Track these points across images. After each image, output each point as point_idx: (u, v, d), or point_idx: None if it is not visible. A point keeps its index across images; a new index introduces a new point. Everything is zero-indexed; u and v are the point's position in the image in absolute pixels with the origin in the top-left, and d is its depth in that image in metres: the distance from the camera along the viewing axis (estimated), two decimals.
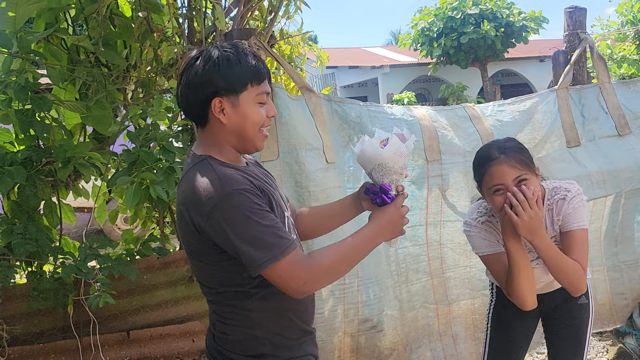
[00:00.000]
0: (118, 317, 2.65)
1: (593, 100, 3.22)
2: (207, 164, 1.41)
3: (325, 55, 3.56)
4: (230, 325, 1.48)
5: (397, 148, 1.48)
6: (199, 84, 1.42)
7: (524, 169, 1.84)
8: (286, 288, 1.36)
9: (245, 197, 1.34)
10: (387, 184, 1.51)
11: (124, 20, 2.86)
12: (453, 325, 3.02)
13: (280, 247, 1.34)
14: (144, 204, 2.77)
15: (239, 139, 1.47)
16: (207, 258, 1.43)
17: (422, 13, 16.84)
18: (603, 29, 4.74)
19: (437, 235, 2.98)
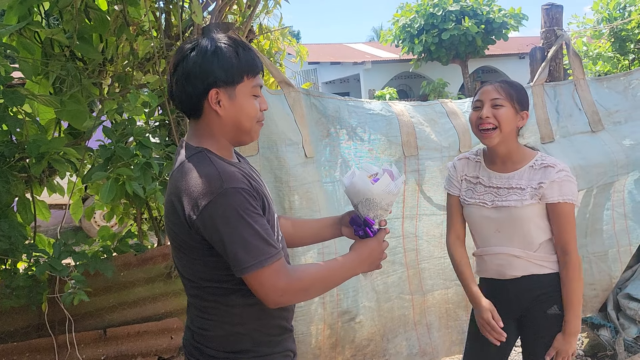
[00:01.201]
0: (94, 315, 2.62)
1: (568, 96, 3.27)
2: (204, 156, 1.40)
3: (305, 50, 3.55)
4: (211, 320, 1.47)
5: (386, 186, 1.52)
6: (197, 74, 1.40)
7: (505, 97, 2.01)
8: (263, 296, 1.36)
9: (242, 196, 1.33)
10: (371, 218, 1.55)
11: (100, 13, 2.81)
12: (427, 315, 3.07)
13: (267, 254, 1.33)
14: (120, 200, 2.75)
15: (234, 131, 1.46)
16: (193, 252, 1.41)
17: (403, 9, 16.90)
18: (579, 26, 4.80)
19: (413, 228, 3.01)
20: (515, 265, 2.07)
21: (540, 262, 2.06)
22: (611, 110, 3.34)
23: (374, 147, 2.90)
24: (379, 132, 2.91)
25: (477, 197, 2.12)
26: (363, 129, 2.89)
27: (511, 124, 2.02)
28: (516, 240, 2.06)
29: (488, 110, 2.01)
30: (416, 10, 16.46)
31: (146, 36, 2.84)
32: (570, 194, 1.98)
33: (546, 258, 2.06)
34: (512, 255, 2.07)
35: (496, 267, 2.12)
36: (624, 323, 3.43)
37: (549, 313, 2.04)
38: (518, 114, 2.04)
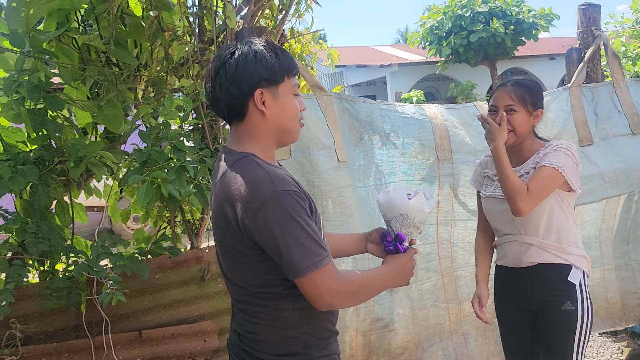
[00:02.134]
0: (130, 317, 2.65)
1: (606, 98, 3.18)
2: (251, 160, 1.41)
3: (336, 53, 3.54)
4: (262, 325, 1.46)
5: (422, 203, 1.58)
6: (241, 75, 1.41)
7: (517, 102, 2.12)
8: (317, 298, 1.36)
9: (294, 199, 1.33)
10: (403, 234, 1.58)
11: (135, 19, 2.86)
12: (464, 324, 3.01)
13: (320, 255, 1.34)
14: (155, 203, 2.78)
15: (278, 132, 1.47)
16: (244, 258, 1.41)
17: (430, 11, 16.77)
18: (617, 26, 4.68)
19: (448, 234, 2.96)
20: (530, 253, 2.14)
21: (553, 251, 2.11)
22: None
23: (407, 152, 2.88)
24: (411, 136, 2.88)
25: (492, 191, 2.24)
26: (396, 134, 2.86)
27: (525, 126, 2.14)
28: (530, 228, 2.13)
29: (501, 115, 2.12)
30: (444, 12, 16.32)
31: (180, 41, 2.87)
32: (556, 160, 2.04)
33: (560, 249, 2.11)
34: (526, 243, 2.14)
35: (512, 254, 2.20)
36: None
37: (562, 309, 2.08)
38: (532, 114, 2.15)
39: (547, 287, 2.12)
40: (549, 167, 2.04)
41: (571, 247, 2.12)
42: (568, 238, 2.13)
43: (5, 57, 2.59)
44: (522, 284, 2.19)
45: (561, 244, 2.11)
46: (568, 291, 2.09)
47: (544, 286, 2.13)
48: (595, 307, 3.31)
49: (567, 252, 2.11)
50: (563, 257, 2.11)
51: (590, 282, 3.23)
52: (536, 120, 2.17)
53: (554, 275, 2.12)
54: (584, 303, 2.11)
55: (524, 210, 2.02)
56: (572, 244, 2.13)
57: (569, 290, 2.09)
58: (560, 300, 2.09)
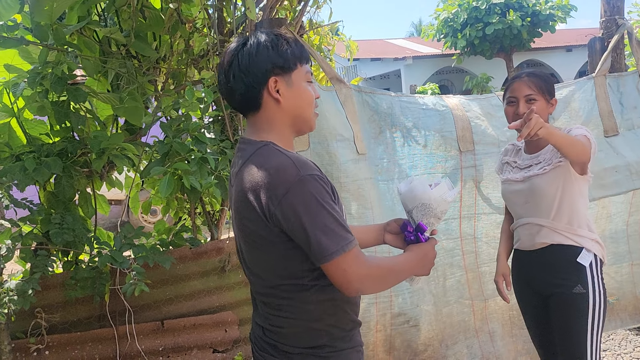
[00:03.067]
0: (152, 307, 2.67)
1: (632, 88, 3.13)
2: (272, 148, 1.40)
3: (355, 44, 3.52)
4: (287, 318, 1.45)
5: (444, 192, 1.57)
6: (255, 64, 1.41)
7: (536, 91, 2.15)
8: (344, 282, 1.34)
9: (319, 183, 1.33)
10: (425, 224, 1.57)
11: (154, 12, 2.86)
12: (489, 322, 2.97)
13: (347, 239, 1.33)
14: (176, 194, 2.79)
15: (295, 120, 1.46)
16: (270, 247, 1.39)
17: (445, 3, 16.61)
18: None
19: (472, 229, 2.93)
20: (541, 234, 2.16)
21: (564, 233, 2.12)
22: None
23: (428, 144, 2.85)
24: (432, 128, 2.85)
25: (508, 175, 2.28)
26: (417, 126, 2.84)
27: (544, 114, 2.17)
28: (543, 209, 2.15)
29: (524, 106, 2.14)
30: (459, 4, 16.15)
31: (201, 33, 2.88)
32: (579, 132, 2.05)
33: (572, 230, 2.12)
34: (538, 225, 2.17)
35: (525, 237, 2.23)
36: None
37: (574, 292, 2.09)
38: (549, 102, 2.19)
39: (558, 269, 2.13)
40: (580, 135, 2.04)
41: (583, 230, 2.13)
42: (580, 221, 2.13)
43: (29, 50, 2.61)
44: (534, 267, 2.21)
45: (572, 226, 2.12)
46: (578, 273, 2.09)
47: (554, 268, 2.14)
48: (624, 302, 3.26)
49: (578, 235, 2.12)
50: (574, 239, 2.12)
51: (619, 278, 3.19)
52: (552, 108, 2.21)
53: (565, 256, 2.13)
54: (595, 286, 2.09)
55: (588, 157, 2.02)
56: (583, 226, 2.14)
57: (578, 272, 2.09)
58: (571, 283, 2.09)
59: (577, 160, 2.04)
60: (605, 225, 3.13)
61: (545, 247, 2.17)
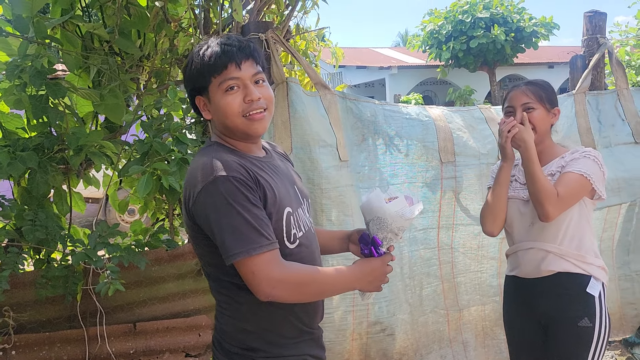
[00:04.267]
0: (125, 309, 2.62)
1: (610, 106, 3.19)
2: (210, 148, 1.46)
3: (341, 51, 3.53)
4: (226, 316, 1.48)
5: (400, 208, 1.50)
6: (185, 86, 1.52)
7: (535, 100, 2.07)
8: (255, 286, 1.34)
9: (232, 184, 1.34)
10: (380, 239, 1.52)
11: (140, 9, 2.83)
12: (463, 332, 2.98)
13: (257, 243, 1.32)
14: (154, 194, 2.75)
15: (226, 130, 1.48)
16: (199, 242, 1.44)
17: (432, 16, 16.78)
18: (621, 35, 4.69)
19: (449, 239, 2.95)
20: (548, 261, 2.03)
21: (573, 260, 2.01)
22: None
23: (410, 153, 2.86)
24: (415, 138, 2.87)
25: (512, 192, 2.14)
26: (399, 135, 2.85)
27: (545, 124, 2.09)
28: (549, 233, 2.02)
29: (520, 114, 2.06)
30: (445, 17, 16.35)
31: (186, 33, 2.85)
32: (584, 167, 1.97)
33: (579, 257, 2.01)
34: (544, 250, 2.03)
35: (528, 263, 2.08)
36: None
37: (579, 326, 1.98)
38: (550, 112, 2.10)
39: (564, 299, 2.01)
40: (577, 173, 1.96)
41: (590, 257, 2.02)
42: (588, 247, 2.03)
43: (9, 42, 2.56)
44: (537, 296, 2.08)
45: (580, 252, 2.01)
46: (586, 304, 1.98)
47: (560, 297, 2.02)
48: None
49: (587, 262, 2.01)
50: (582, 267, 2.01)
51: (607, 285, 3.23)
52: (554, 118, 2.12)
53: (572, 286, 2.01)
54: (602, 318, 1.99)
55: (552, 215, 1.93)
56: (591, 253, 2.03)
57: (587, 303, 1.98)
58: (577, 315, 1.98)
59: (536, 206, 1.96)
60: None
61: (552, 274, 2.03)
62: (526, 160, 1.99)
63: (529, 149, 1.99)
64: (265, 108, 1.46)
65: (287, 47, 2.69)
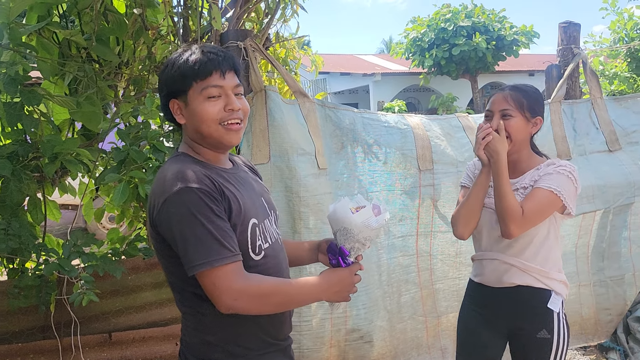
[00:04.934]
0: (100, 318, 2.59)
1: (585, 115, 3.24)
2: (177, 159, 1.45)
3: (320, 60, 3.54)
4: (189, 328, 1.47)
5: (366, 219, 1.49)
6: (160, 86, 1.50)
7: (514, 107, 1.99)
8: (216, 298, 1.33)
9: (196, 195, 1.34)
10: (347, 249, 1.52)
11: (118, 16, 2.82)
12: (442, 338, 3.00)
13: (220, 254, 1.32)
14: (131, 203, 2.73)
15: (200, 137, 1.47)
16: (163, 252, 1.43)
17: (415, 23, 16.93)
18: (595, 45, 4.80)
19: (427, 246, 2.96)
20: (510, 273, 2.02)
21: (536, 275, 2.00)
22: (628, 130, 3.31)
23: (389, 161, 2.88)
24: (393, 146, 2.89)
25: (487, 199, 2.08)
26: (378, 143, 2.86)
27: (522, 133, 2.00)
28: (516, 248, 2.00)
29: (496, 121, 1.99)
30: (427, 25, 16.49)
31: (164, 40, 2.84)
32: (556, 184, 1.92)
33: (543, 273, 2.00)
34: (507, 264, 2.02)
35: (491, 273, 2.07)
36: (633, 347, 3.38)
37: (538, 337, 1.99)
38: (530, 121, 2.01)
39: (525, 312, 2.02)
40: (547, 190, 1.91)
41: (554, 272, 2.02)
42: (552, 262, 2.03)
43: None
44: (498, 305, 2.08)
45: (544, 268, 2.00)
46: (545, 318, 1.99)
47: (521, 310, 2.02)
48: (571, 322, 3.31)
49: (550, 277, 2.01)
50: (544, 282, 2.00)
51: (568, 298, 3.25)
52: (534, 128, 2.04)
53: (533, 299, 2.00)
54: (560, 331, 2.00)
55: (514, 234, 1.91)
56: (555, 268, 2.03)
57: (546, 317, 1.99)
58: (536, 327, 1.99)
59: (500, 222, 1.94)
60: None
61: (513, 287, 2.02)
62: (495, 174, 1.95)
63: (499, 161, 1.94)
64: (242, 120, 1.48)
65: (266, 55, 2.70)
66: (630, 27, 4.56)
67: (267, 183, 2.57)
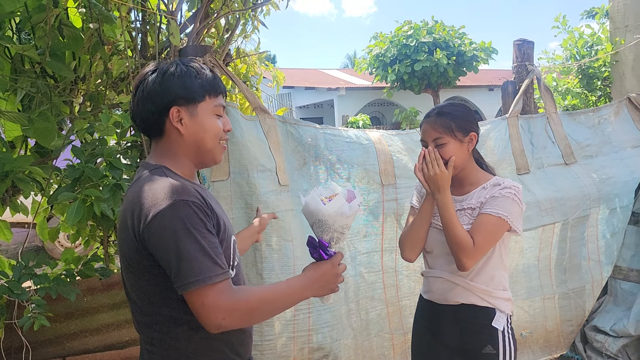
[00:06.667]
0: (54, 342, 2.49)
1: (541, 129, 3.33)
2: (161, 172, 1.39)
3: (282, 75, 3.54)
4: (157, 354, 1.40)
5: (339, 207, 1.46)
6: (157, 92, 1.42)
7: (445, 134, 1.99)
8: (204, 317, 1.28)
9: (192, 210, 1.30)
10: (326, 240, 1.50)
11: (74, 31, 2.75)
12: (409, 356, 2.97)
13: (212, 272, 1.27)
14: (87, 221, 2.65)
15: (197, 151, 1.46)
16: (141, 271, 1.36)
17: (377, 40, 17.18)
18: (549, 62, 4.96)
19: (393, 262, 2.96)
20: (455, 292, 2.03)
21: (479, 294, 2.01)
22: (582, 144, 3.41)
23: (351, 177, 2.88)
24: (356, 161, 2.89)
25: (435, 219, 2.08)
26: (340, 159, 2.86)
27: (459, 155, 2.00)
28: None
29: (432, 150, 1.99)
30: (390, 41, 16.75)
31: (121, 56, 2.79)
32: (503, 209, 1.92)
33: (487, 292, 2.01)
34: (451, 282, 2.03)
35: (437, 290, 2.08)
36: (591, 355, 3.45)
37: (484, 352, 2.00)
38: (463, 142, 2.01)
39: (470, 329, 2.03)
40: (495, 216, 1.92)
41: (498, 291, 2.02)
42: (497, 281, 2.03)
43: None
44: (445, 322, 2.09)
45: (488, 287, 2.01)
46: (490, 336, 2.00)
47: (466, 327, 2.03)
48: (536, 335, 3.37)
49: (493, 296, 2.01)
50: (488, 301, 2.01)
51: (532, 312, 3.29)
52: (471, 145, 2.03)
53: (478, 318, 2.02)
54: (506, 347, 2.01)
55: (468, 267, 1.92)
56: (499, 287, 2.03)
57: (491, 334, 2.00)
58: (482, 343, 2.00)
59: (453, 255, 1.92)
60: (519, 260, 3.24)
61: (458, 305, 2.04)
62: (442, 210, 1.94)
63: (444, 197, 1.94)
64: None
65: (225, 71, 2.68)
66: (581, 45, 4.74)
67: (226, 200, 2.54)
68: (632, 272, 3.44)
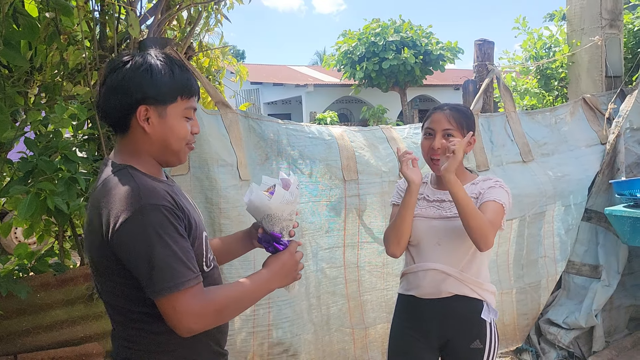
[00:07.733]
0: (4, 340, 2.42)
1: (500, 127, 3.40)
2: (127, 172, 1.35)
3: (245, 70, 3.51)
4: (136, 350, 1.38)
5: (282, 197, 1.49)
6: (126, 88, 1.36)
7: (455, 127, 2.05)
8: (176, 322, 1.27)
9: (162, 214, 1.27)
10: (277, 232, 1.52)
11: (29, 19, 2.67)
12: (369, 350, 3.01)
13: (184, 277, 1.26)
14: (41, 216, 2.58)
15: (161, 151, 1.42)
16: (112, 274, 1.33)
17: (346, 37, 17.23)
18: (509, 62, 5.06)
19: (355, 257, 2.97)
20: (448, 283, 2.04)
21: (471, 285, 2.04)
22: (540, 142, 3.50)
23: (314, 172, 2.88)
24: (318, 157, 2.90)
25: (420, 210, 2.11)
26: (303, 154, 2.86)
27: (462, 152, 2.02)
28: (454, 258, 2.04)
29: (440, 140, 2.04)
30: (358, 38, 16.82)
31: (78, 46, 2.72)
32: (502, 197, 2.00)
33: (477, 284, 2.05)
34: (444, 273, 2.04)
35: (429, 283, 2.07)
36: (544, 347, 3.55)
37: (471, 347, 2.04)
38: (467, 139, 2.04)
39: (459, 321, 2.06)
40: (499, 203, 1.98)
41: (486, 284, 2.08)
42: (484, 274, 2.09)
43: None
44: (434, 317, 2.09)
45: (478, 279, 2.06)
46: (479, 328, 2.05)
47: (456, 320, 2.06)
48: None
49: (483, 288, 2.06)
50: (478, 293, 2.05)
51: None
52: (469, 147, 2.08)
53: (468, 309, 2.05)
54: (492, 341, 2.06)
55: (492, 241, 1.93)
56: (486, 279, 2.09)
57: (479, 327, 2.05)
58: (469, 337, 2.04)
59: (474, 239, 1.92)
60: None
61: (450, 296, 2.05)
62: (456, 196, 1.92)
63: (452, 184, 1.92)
64: None
65: (186, 65, 2.63)
66: (540, 46, 4.85)
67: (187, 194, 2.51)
68: (584, 267, 3.56)
